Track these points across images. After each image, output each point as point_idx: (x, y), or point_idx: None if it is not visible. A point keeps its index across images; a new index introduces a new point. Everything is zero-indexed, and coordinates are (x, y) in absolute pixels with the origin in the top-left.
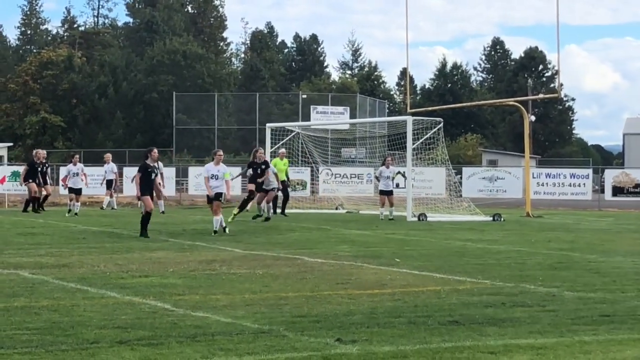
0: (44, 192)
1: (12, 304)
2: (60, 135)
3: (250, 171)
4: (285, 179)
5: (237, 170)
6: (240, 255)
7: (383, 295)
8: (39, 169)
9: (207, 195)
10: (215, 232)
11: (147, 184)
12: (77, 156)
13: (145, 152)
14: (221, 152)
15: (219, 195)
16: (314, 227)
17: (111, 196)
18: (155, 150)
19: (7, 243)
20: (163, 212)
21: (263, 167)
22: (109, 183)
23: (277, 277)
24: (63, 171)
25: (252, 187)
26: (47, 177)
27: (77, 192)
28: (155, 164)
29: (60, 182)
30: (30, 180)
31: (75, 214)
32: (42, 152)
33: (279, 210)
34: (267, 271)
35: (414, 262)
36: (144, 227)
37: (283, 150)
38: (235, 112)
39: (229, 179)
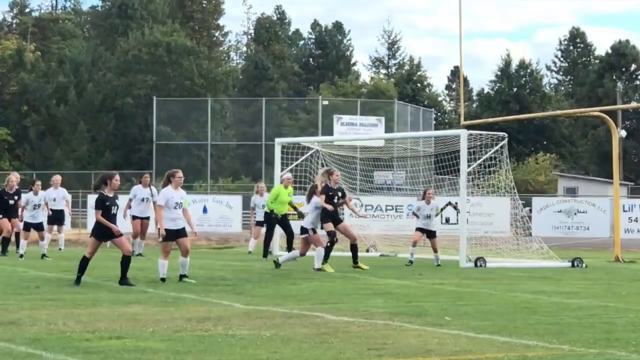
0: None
1: None
2: (6, 153)
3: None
4: (291, 212)
5: (237, 199)
6: (240, 312)
7: None
8: (10, 200)
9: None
10: (163, 279)
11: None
12: (39, 183)
13: (102, 178)
14: (181, 174)
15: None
16: (338, 274)
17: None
18: (114, 177)
19: None
20: (140, 255)
21: (340, 194)
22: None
23: (289, 340)
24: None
25: (330, 226)
26: (18, 210)
27: (38, 227)
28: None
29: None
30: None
31: (44, 255)
32: (15, 177)
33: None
34: (277, 333)
35: (470, 321)
36: (80, 271)
37: (289, 175)
38: (235, 123)
39: (186, 207)
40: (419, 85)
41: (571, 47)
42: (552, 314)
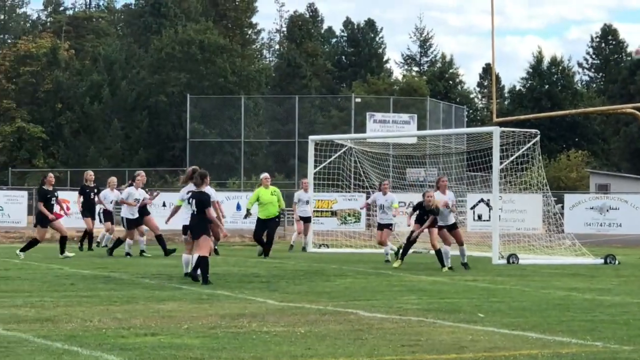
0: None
1: None
2: (40, 150)
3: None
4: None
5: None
6: (275, 309)
7: None
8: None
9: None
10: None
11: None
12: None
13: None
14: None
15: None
16: (371, 271)
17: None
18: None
19: None
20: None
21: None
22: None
23: (323, 337)
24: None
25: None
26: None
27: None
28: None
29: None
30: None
31: (142, 251)
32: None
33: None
34: (311, 329)
35: (503, 318)
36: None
37: (266, 174)
38: (268, 120)
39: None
40: (451, 82)
41: (603, 44)
42: (586, 311)
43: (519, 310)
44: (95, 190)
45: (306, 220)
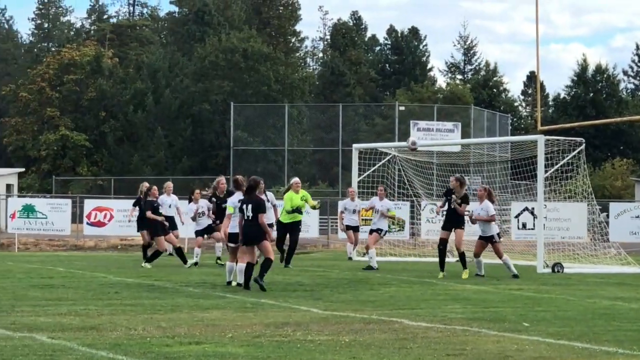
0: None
1: None
2: (84, 158)
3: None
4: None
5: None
6: (319, 317)
7: None
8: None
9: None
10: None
11: None
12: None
13: None
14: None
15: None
16: (416, 280)
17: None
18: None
19: (19, 298)
20: (218, 259)
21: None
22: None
23: (368, 346)
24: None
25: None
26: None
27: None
28: None
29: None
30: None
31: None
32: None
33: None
34: (356, 338)
35: (548, 327)
36: None
37: (297, 179)
38: (311, 128)
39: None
40: (495, 90)
41: None
42: (632, 320)
43: (564, 319)
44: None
45: (354, 229)
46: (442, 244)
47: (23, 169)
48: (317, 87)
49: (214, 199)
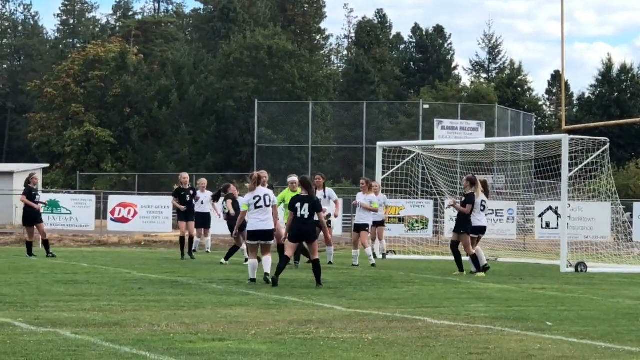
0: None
1: None
2: (109, 155)
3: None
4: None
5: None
6: (343, 315)
7: None
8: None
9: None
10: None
11: None
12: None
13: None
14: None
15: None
16: (439, 278)
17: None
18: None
19: (43, 293)
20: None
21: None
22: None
23: (391, 344)
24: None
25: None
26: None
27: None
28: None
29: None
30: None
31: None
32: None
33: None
34: (379, 336)
35: (571, 326)
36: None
37: (294, 179)
38: (336, 126)
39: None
40: (519, 89)
41: None
42: None
43: (587, 319)
44: (192, 192)
45: (379, 224)
46: (453, 245)
47: (47, 165)
48: (341, 85)
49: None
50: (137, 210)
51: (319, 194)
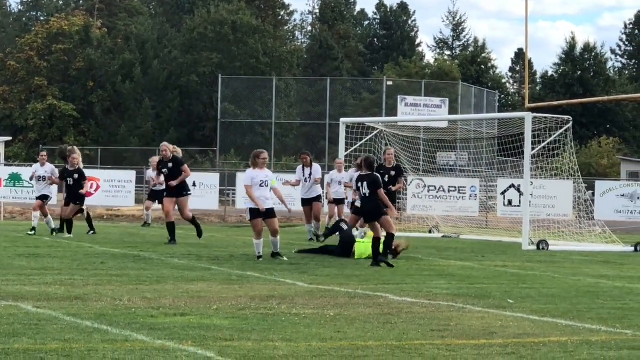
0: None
1: (12, 346)
2: (71, 128)
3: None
4: None
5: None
6: (304, 291)
7: (492, 347)
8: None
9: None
10: (259, 257)
11: None
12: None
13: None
14: (266, 155)
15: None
16: (401, 255)
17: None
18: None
19: (5, 267)
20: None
21: (393, 173)
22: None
23: (353, 320)
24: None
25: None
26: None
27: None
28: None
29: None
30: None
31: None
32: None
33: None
34: (341, 312)
35: (532, 304)
36: None
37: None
38: (299, 102)
39: (275, 186)
40: (483, 67)
41: (636, 31)
42: (616, 298)
43: (548, 296)
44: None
45: (340, 202)
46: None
47: (10, 138)
48: (305, 61)
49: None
50: (100, 184)
51: (306, 172)
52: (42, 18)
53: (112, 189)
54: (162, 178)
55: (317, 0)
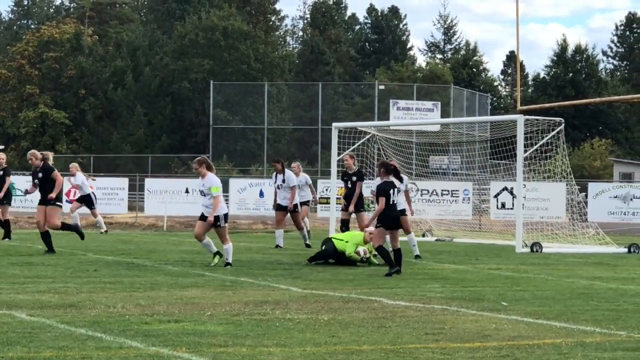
0: None
1: (7, 354)
2: (64, 136)
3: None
4: None
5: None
6: (298, 296)
7: (486, 350)
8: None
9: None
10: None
11: None
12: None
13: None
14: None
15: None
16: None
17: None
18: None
19: None
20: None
21: (354, 178)
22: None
23: (347, 324)
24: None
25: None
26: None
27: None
28: None
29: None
30: None
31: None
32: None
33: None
34: (334, 317)
35: (527, 306)
36: None
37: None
38: (291, 107)
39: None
40: (474, 70)
41: (627, 32)
42: (610, 300)
43: (542, 299)
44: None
45: (305, 203)
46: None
47: (2, 147)
48: (296, 66)
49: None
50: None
51: (279, 179)
52: (32, 26)
53: (104, 196)
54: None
55: (307, 5)
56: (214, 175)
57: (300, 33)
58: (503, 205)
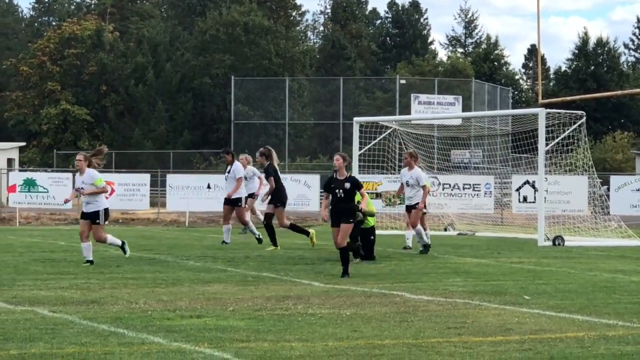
0: None
1: (29, 351)
2: (85, 132)
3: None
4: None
5: (315, 178)
6: (320, 291)
7: (509, 344)
8: None
9: None
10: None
11: None
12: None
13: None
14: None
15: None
16: (417, 254)
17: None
18: None
19: (21, 272)
20: None
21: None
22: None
23: (369, 319)
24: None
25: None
26: None
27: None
28: None
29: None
30: None
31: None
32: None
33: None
34: (357, 311)
35: (549, 300)
36: None
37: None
38: (312, 102)
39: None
40: (495, 63)
41: None
42: (632, 293)
43: (565, 292)
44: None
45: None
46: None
47: (24, 143)
48: (317, 61)
49: None
50: (115, 188)
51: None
52: (54, 23)
53: (126, 192)
54: None
55: (328, 0)
56: None
57: (321, 28)
58: (525, 199)
